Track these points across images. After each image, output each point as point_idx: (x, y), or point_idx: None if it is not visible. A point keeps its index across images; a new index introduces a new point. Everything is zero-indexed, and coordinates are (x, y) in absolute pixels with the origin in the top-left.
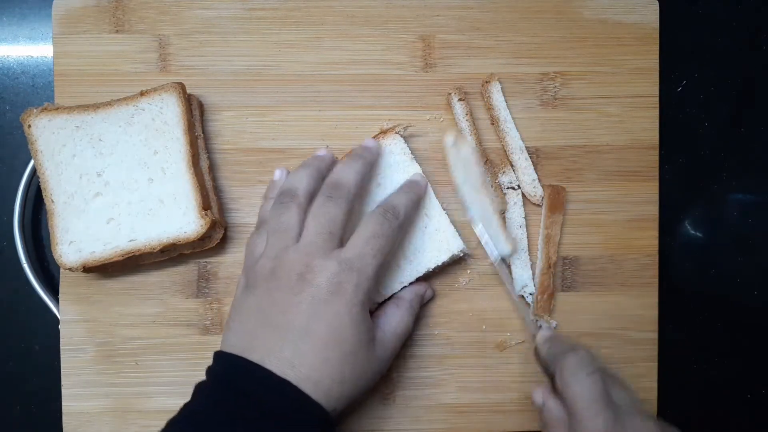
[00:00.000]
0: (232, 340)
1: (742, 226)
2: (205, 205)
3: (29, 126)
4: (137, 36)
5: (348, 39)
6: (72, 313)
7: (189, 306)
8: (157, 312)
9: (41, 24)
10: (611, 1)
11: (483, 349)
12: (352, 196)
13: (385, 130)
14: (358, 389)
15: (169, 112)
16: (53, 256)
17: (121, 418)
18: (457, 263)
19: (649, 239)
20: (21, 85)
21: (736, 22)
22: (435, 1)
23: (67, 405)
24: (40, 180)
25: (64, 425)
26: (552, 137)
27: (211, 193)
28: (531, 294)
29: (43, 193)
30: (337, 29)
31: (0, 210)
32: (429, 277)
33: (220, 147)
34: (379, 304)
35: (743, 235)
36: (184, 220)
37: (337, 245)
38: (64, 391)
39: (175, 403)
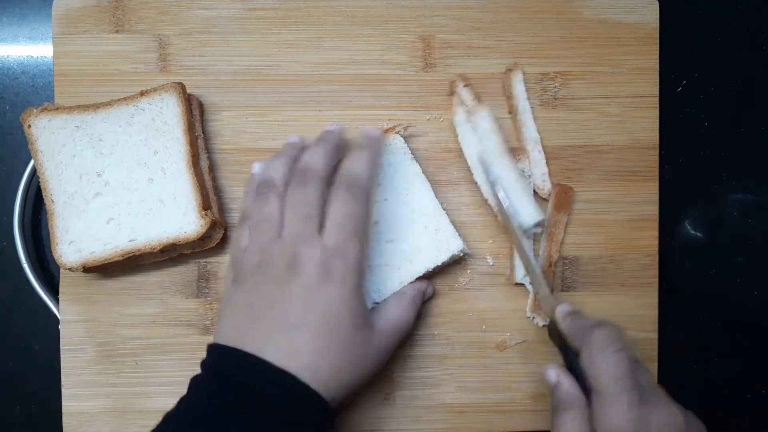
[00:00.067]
0: (226, 332)
1: (742, 226)
2: (205, 205)
3: (29, 126)
4: (137, 36)
5: (348, 39)
6: (72, 313)
7: (189, 306)
8: (157, 312)
9: (41, 24)
10: (611, 1)
11: (483, 349)
12: (321, 179)
13: (385, 130)
14: (356, 378)
15: (169, 112)
16: (53, 256)
17: (121, 418)
18: (457, 263)
19: (649, 239)
20: (21, 85)
21: (736, 22)
22: (435, 1)
23: (67, 405)
24: (40, 180)
25: (64, 425)
26: (552, 137)
27: (211, 193)
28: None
29: (43, 193)
30: (337, 29)
31: (0, 210)
32: (429, 277)
33: (220, 147)
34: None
35: (743, 235)
36: (184, 220)
37: (318, 228)
38: (64, 391)
39: (175, 403)
